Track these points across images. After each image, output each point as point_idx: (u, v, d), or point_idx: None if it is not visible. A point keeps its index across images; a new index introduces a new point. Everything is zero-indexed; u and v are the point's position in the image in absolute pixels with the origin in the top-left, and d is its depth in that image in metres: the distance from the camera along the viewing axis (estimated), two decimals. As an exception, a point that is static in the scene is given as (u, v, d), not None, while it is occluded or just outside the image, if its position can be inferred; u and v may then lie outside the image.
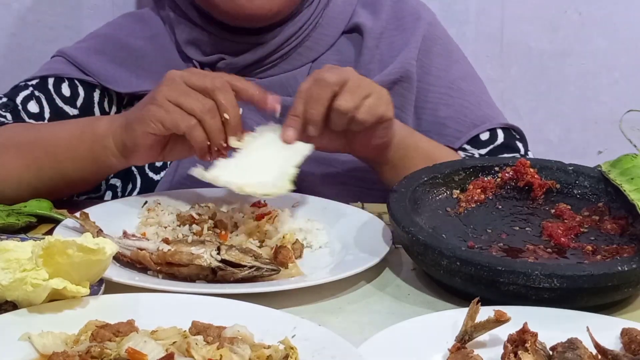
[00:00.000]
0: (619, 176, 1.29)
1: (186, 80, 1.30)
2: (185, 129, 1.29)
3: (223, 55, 1.60)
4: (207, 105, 1.29)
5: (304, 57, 1.62)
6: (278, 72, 1.62)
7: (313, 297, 1.16)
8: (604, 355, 1.00)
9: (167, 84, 1.31)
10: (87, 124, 1.42)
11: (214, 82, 1.30)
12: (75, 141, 1.40)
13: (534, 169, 1.35)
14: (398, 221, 1.21)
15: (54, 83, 1.60)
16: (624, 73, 2.26)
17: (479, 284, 1.12)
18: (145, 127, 1.31)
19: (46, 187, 1.41)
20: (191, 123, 1.29)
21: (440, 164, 1.39)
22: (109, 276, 1.11)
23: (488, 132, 1.60)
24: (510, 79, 2.23)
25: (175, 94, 1.29)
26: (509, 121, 1.67)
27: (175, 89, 1.30)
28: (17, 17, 2.15)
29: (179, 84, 1.30)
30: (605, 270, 1.10)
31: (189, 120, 1.29)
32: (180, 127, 1.29)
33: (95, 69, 1.61)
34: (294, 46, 1.61)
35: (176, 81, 1.30)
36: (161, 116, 1.29)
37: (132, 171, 1.61)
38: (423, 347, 1.01)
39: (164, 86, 1.31)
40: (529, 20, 2.22)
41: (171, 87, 1.30)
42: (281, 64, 1.62)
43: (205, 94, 1.29)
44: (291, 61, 1.62)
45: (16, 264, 1.02)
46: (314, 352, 0.96)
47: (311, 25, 1.62)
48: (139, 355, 0.91)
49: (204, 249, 1.17)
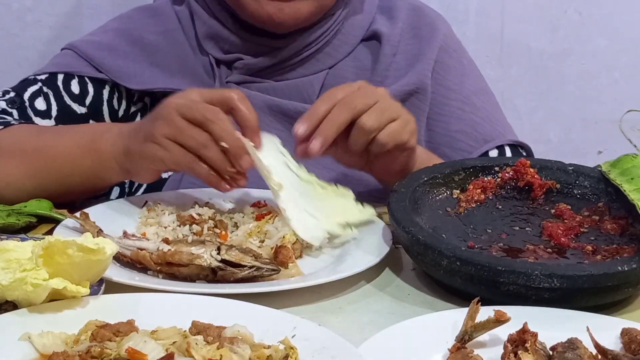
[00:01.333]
0: (619, 176, 1.29)
1: (181, 113, 1.28)
2: (187, 167, 1.29)
3: (241, 55, 1.59)
4: (201, 139, 1.27)
5: (322, 63, 1.62)
6: (295, 76, 1.61)
7: (313, 297, 1.16)
8: (604, 355, 1.00)
9: (164, 119, 1.29)
10: (90, 141, 1.40)
11: (205, 114, 1.27)
12: (79, 156, 1.40)
13: (534, 169, 1.35)
14: (398, 221, 1.21)
15: (63, 79, 1.58)
16: (624, 73, 2.26)
17: (479, 284, 1.12)
18: (148, 164, 1.31)
19: (47, 193, 1.41)
20: (191, 160, 1.28)
21: (441, 164, 1.39)
22: (109, 276, 1.11)
23: (496, 149, 1.61)
24: (510, 79, 2.23)
25: (172, 131, 1.28)
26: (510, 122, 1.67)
27: (171, 125, 1.28)
28: (17, 17, 2.15)
29: (175, 118, 1.28)
30: (605, 270, 1.10)
31: (188, 157, 1.28)
32: (182, 165, 1.29)
33: (107, 64, 1.59)
34: (313, 52, 1.61)
35: (172, 115, 1.28)
36: (162, 155, 1.29)
37: None
38: (423, 347, 1.01)
39: (161, 121, 1.29)
40: (529, 20, 2.22)
41: (168, 122, 1.28)
42: (298, 68, 1.61)
43: (199, 126, 1.28)
44: (308, 66, 1.61)
45: (16, 264, 1.02)
46: (314, 352, 0.96)
47: (332, 33, 1.61)
48: (139, 355, 0.91)
49: (204, 249, 1.17)
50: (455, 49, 1.68)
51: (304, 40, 1.59)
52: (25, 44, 2.15)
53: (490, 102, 1.68)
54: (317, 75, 1.61)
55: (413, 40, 1.65)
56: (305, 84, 1.60)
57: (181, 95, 1.32)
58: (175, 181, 1.55)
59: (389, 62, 1.63)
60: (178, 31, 1.64)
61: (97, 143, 1.38)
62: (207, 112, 1.27)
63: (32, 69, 1.65)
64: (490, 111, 1.66)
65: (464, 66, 1.68)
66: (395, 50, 1.64)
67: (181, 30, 1.64)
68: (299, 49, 1.59)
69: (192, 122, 1.27)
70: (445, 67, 1.64)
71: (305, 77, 1.61)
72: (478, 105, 1.64)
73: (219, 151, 1.27)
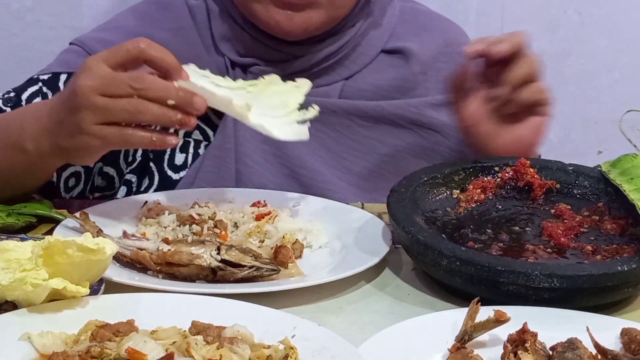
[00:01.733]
0: (619, 176, 1.29)
1: (102, 93, 1.22)
2: (126, 144, 1.26)
3: (257, 60, 1.56)
4: (132, 108, 1.21)
5: (338, 74, 1.59)
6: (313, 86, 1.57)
7: (313, 297, 1.16)
8: (603, 355, 1.00)
9: (86, 107, 1.22)
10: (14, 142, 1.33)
11: (130, 85, 1.21)
12: (7, 156, 1.34)
13: (534, 169, 1.35)
14: (398, 221, 1.21)
15: (65, 80, 1.54)
16: (624, 73, 2.26)
17: (479, 284, 1.12)
18: (86, 154, 1.28)
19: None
20: (129, 135, 1.23)
21: (441, 164, 1.39)
22: (109, 276, 1.11)
23: None
24: (511, 79, 2.23)
25: (99, 116, 1.22)
26: None
27: (96, 111, 1.22)
28: (17, 17, 2.15)
29: (96, 101, 1.22)
30: (605, 270, 1.10)
31: (125, 134, 1.23)
32: (121, 144, 1.26)
33: None
34: (331, 64, 1.58)
35: (91, 99, 1.22)
36: (98, 144, 1.25)
37: (149, 167, 1.58)
38: (423, 347, 1.01)
39: (84, 111, 1.23)
40: (529, 20, 2.22)
41: (91, 109, 1.22)
42: (315, 79, 1.55)
43: (129, 96, 1.22)
44: (325, 77, 1.59)
45: (16, 264, 1.02)
46: (314, 352, 0.96)
47: (352, 45, 1.59)
48: (139, 355, 0.91)
49: (204, 249, 1.17)
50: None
51: (323, 52, 1.56)
52: (25, 44, 2.15)
53: None
54: (333, 87, 1.59)
55: (446, 64, 1.61)
56: (321, 94, 1.56)
57: (87, 74, 1.23)
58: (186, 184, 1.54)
59: (417, 80, 1.61)
60: (191, 30, 1.59)
61: (21, 142, 1.32)
62: (130, 82, 1.22)
63: (32, 69, 1.64)
64: None
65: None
66: (426, 69, 1.62)
67: (194, 28, 1.59)
68: (318, 60, 1.57)
69: (117, 97, 1.22)
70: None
71: (320, 87, 1.57)
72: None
73: (155, 107, 1.21)
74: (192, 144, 1.57)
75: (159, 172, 1.57)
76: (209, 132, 1.57)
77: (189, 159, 1.56)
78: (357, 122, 1.57)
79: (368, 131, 1.58)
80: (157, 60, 1.25)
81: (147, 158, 1.58)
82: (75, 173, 1.54)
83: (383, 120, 1.57)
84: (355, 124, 1.57)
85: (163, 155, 1.57)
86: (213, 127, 1.57)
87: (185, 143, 1.57)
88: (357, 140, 1.58)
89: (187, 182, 1.54)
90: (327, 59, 1.57)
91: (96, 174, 1.58)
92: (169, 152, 1.57)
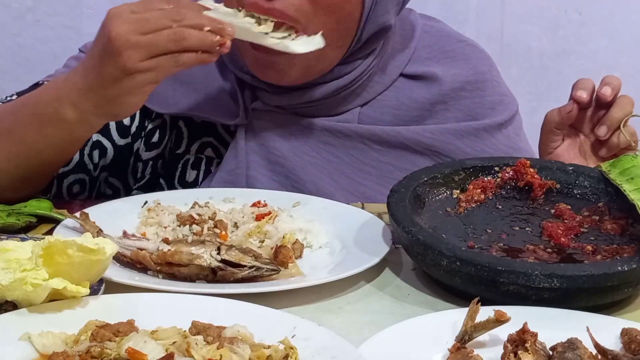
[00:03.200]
0: (619, 176, 1.29)
1: (140, 31, 1.23)
2: (176, 68, 1.27)
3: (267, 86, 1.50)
4: (176, 36, 1.23)
5: (351, 103, 1.54)
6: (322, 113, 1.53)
7: (313, 297, 1.16)
8: (604, 355, 1.00)
9: (127, 47, 1.23)
10: (52, 113, 1.32)
11: (168, 17, 1.24)
12: (47, 133, 1.34)
13: (534, 169, 1.35)
14: (398, 221, 1.21)
15: None
16: (624, 73, 2.26)
17: (479, 284, 1.12)
18: (136, 97, 1.28)
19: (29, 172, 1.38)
20: (176, 60, 1.25)
21: (440, 164, 1.40)
22: (109, 276, 1.11)
23: None
24: (510, 79, 2.22)
25: (143, 53, 1.23)
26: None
27: (138, 48, 1.23)
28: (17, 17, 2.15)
29: (136, 39, 1.22)
30: (605, 270, 1.10)
31: (172, 61, 1.25)
32: (172, 71, 1.27)
33: None
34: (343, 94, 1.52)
35: (131, 38, 1.23)
36: (149, 78, 1.25)
37: (159, 184, 1.56)
38: (423, 347, 1.01)
39: (127, 51, 1.23)
40: (529, 20, 2.23)
41: (134, 47, 1.23)
42: (327, 108, 1.53)
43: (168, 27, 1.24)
44: (337, 106, 1.53)
45: (16, 264, 1.02)
46: (314, 352, 0.96)
47: (366, 76, 1.52)
48: (139, 355, 0.91)
49: (204, 249, 1.17)
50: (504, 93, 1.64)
51: (333, 84, 1.50)
52: (25, 44, 2.15)
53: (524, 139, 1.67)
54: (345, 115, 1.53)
55: (470, 94, 1.58)
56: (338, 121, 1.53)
57: (118, 21, 1.24)
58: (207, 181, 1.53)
59: (436, 110, 1.56)
60: None
61: (59, 113, 1.32)
62: (167, 16, 1.24)
63: (32, 69, 1.64)
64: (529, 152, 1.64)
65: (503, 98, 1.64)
66: (447, 98, 1.56)
67: None
68: (328, 92, 1.51)
69: (157, 32, 1.23)
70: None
71: (332, 115, 1.53)
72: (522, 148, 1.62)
73: (197, 33, 1.25)
74: (205, 160, 1.56)
75: (169, 188, 1.56)
76: (221, 149, 1.55)
77: (201, 175, 1.55)
78: (371, 147, 1.53)
79: (383, 156, 1.54)
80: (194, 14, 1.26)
81: (157, 175, 1.57)
82: (79, 180, 1.53)
83: (399, 145, 1.53)
84: (369, 148, 1.53)
85: (174, 172, 1.56)
86: (225, 145, 1.55)
87: (197, 160, 1.56)
88: (372, 165, 1.54)
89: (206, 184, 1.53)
90: (337, 92, 1.51)
91: (102, 182, 1.58)
92: (180, 169, 1.56)
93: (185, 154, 1.56)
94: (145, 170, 1.57)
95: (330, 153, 1.52)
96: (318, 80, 1.49)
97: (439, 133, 1.54)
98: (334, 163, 1.53)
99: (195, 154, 1.56)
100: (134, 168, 1.57)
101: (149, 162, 1.57)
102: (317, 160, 1.52)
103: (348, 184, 1.53)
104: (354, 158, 1.54)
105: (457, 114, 1.57)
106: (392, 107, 1.56)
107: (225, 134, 1.55)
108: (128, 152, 1.55)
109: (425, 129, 1.54)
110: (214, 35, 1.26)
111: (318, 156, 1.52)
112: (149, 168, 1.57)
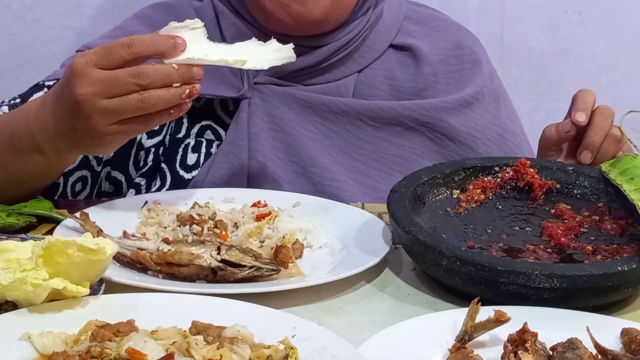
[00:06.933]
0: (619, 176, 1.29)
1: (108, 95, 1.22)
2: (145, 129, 1.30)
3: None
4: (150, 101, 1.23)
5: (348, 68, 1.60)
6: (322, 81, 1.59)
7: (313, 297, 1.16)
8: (604, 355, 1.00)
9: (96, 112, 1.23)
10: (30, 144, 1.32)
11: (134, 83, 1.22)
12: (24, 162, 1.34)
13: (534, 169, 1.35)
14: (398, 221, 1.21)
15: None
16: (624, 73, 2.26)
17: (479, 284, 1.12)
18: (110, 150, 1.35)
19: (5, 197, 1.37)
20: (145, 121, 1.25)
21: (440, 164, 1.40)
22: (109, 276, 1.11)
23: None
24: (510, 79, 2.23)
25: (111, 118, 1.23)
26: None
27: (106, 115, 1.23)
28: (17, 17, 2.15)
29: (105, 105, 1.22)
30: (605, 270, 1.10)
31: (148, 121, 1.26)
32: (140, 131, 1.31)
33: None
34: (341, 58, 1.58)
35: (98, 103, 1.22)
36: (119, 139, 1.28)
37: (161, 168, 1.57)
38: (423, 347, 1.01)
39: (95, 116, 1.23)
40: (529, 20, 2.22)
41: (102, 113, 1.23)
42: (325, 74, 1.59)
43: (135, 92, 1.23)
44: (335, 72, 1.59)
45: (16, 264, 1.02)
46: (314, 352, 0.96)
47: (361, 38, 1.59)
48: (139, 355, 0.91)
49: (204, 249, 1.17)
50: (493, 79, 1.67)
51: (334, 45, 1.56)
52: (25, 44, 2.14)
53: (518, 125, 1.69)
54: (344, 81, 1.59)
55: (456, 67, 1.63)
56: (332, 89, 1.58)
57: (83, 81, 1.23)
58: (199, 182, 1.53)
59: (427, 82, 1.61)
60: None
61: (36, 146, 1.32)
62: (134, 80, 1.22)
63: (32, 69, 1.64)
64: (519, 134, 1.66)
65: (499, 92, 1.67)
66: (436, 70, 1.62)
67: None
68: (329, 53, 1.57)
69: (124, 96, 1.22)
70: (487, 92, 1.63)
71: (331, 82, 1.58)
72: (511, 130, 1.64)
73: (164, 93, 1.23)
74: (205, 143, 1.57)
75: (171, 172, 1.57)
76: (220, 131, 1.57)
77: (202, 158, 1.56)
78: (367, 123, 1.58)
79: (378, 131, 1.58)
80: (152, 53, 1.25)
81: (158, 161, 1.57)
82: (82, 177, 1.54)
83: (393, 121, 1.58)
84: (365, 124, 1.58)
85: (175, 155, 1.57)
86: (224, 127, 1.57)
87: (198, 143, 1.57)
88: (367, 141, 1.58)
89: (199, 179, 1.53)
90: (337, 52, 1.57)
91: (103, 178, 1.58)
92: (181, 153, 1.57)
93: (185, 138, 1.58)
94: (148, 157, 1.58)
95: (327, 128, 1.54)
96: (321, 42, 1.54)
97: (432, 109, 1.57)
98: (331, 138, 1.56)
99: (195, 138, 1.57)
100: (136, 157, 1.58)
101: (150, 149, 1.58)
102: (315, 135, 1.55)
103: (344, 159, 1.56)
104: (350, 133, 1.57)
105: (448, 87, 1.61)
106: (386, 77, 1.60)
107: (224, 116, 1.58)
108: (130, 142, 1.56)
109: (419, 104, 1.58)
110: (182, 90, 1.24)
111: (316, 130, 1.56)
112: (151, 155, 1.58)
